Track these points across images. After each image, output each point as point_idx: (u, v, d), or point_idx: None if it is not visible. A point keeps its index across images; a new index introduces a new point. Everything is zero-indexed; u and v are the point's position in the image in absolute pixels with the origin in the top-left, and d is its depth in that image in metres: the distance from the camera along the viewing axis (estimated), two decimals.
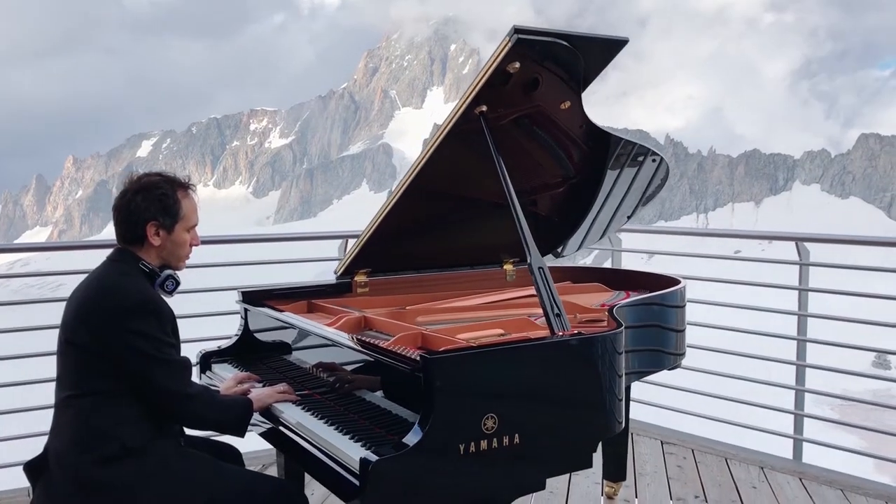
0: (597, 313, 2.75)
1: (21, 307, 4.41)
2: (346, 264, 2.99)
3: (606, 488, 3.57)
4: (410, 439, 1.82)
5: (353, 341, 2.22)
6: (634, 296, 3.06)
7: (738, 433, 4.21)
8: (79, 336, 1.99)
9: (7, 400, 3.79)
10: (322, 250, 4.73)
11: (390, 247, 2.94)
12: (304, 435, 2.13)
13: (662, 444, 4.26)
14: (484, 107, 2.44)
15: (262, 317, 2.80)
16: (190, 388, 2.09)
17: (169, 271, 2.16)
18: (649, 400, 4.47)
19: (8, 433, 3.74)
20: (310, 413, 2.23)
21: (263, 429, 2.31)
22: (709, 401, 4.45)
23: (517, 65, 2.30)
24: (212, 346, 2.88)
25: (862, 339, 4.52)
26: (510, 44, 2.21)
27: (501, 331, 2.48)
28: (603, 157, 3.02)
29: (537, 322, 2.52)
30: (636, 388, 3.29)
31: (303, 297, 2.98)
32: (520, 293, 3.22)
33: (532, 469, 2.03)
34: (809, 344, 4.21)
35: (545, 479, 2.07)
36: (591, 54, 2.47)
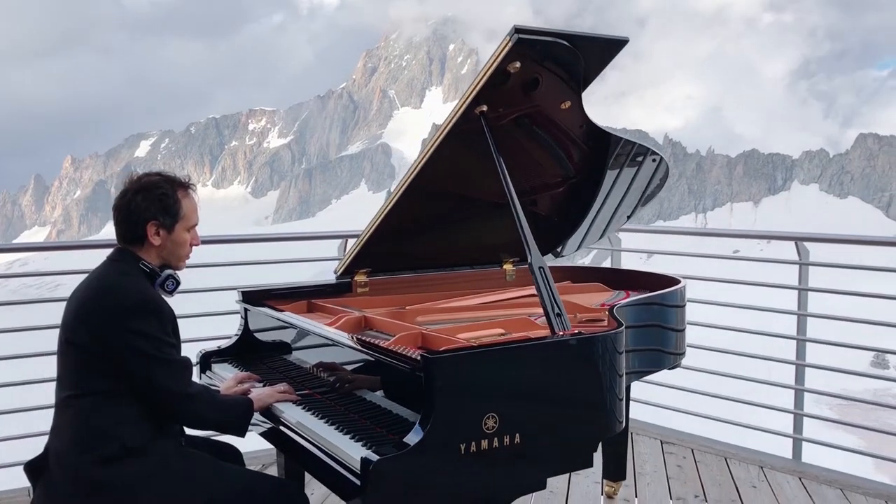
0: (597, 313, 2.74)
1: (19, 307, 4.41)
2: (346, 264, 2.99)
3: (606, 488, 3.57)
4: (411, 439, 1.82)
5: (354, 341, 2.22)
6: (634, 295, 3.06)
7: (738, 433, 4.21)
8: (79, 336, 1.99)
9: (7, 400, 3.79)
10: (321, 250, 4.73)
11: (390, 246, 2.94)
12: (305, 435, 2.13)
13: (662, 444, 4.26)
14: (484, 106, 2.43)
15: (262, 316, 2.80)
16: (190, 388, 2.09)
17: (169, 271, 2.16)
18: (649, 399, 4.46)
19: (8, 433, 3.74)
20: (310, 413, 2.23)
21: (264, 428, 2.31)
22: (708, 400, 4.45)
23: (518, 64, 2.30)
24: (212, 346, 2.88)
25: (861, 339, 4.53)
26: (511, 43, 2.20)
27: (502, 330, 2.48)
28: (603, 157, 3.02)
29: (538, 322, 2.52)
30: (636, 388, 3.29)
31: (303, 297, 2.98)
32: (519, 293, 3.22)
33: (533, 468, 2.03)
34: (809, 343, 4.21)
35: (546, 479, 2.07)
36: (592, 54, 2.47)
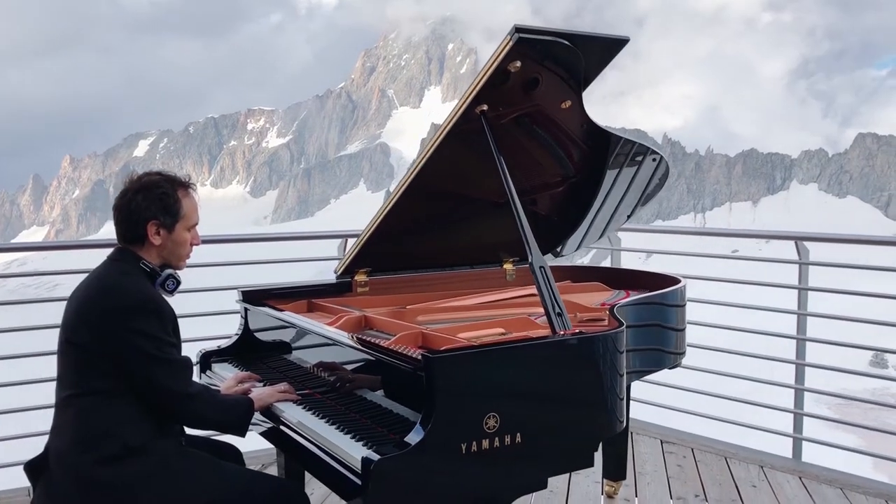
0: (597, 312, 2.74)
1: (18, 307, 4.40)
2: (347, 264, 2.99)
3: (606, 487, 3.57)
4: (412, 438, 1.82)
5: (354, 340, 2.22)
6: (634, 295, 3.05)
7: (738, 432, 4.21)
8: (79, 335, 1.99)
9: (6, 400, 3.78)
10: (321, 250, 4.72)
11: (390, 246, 2.94)
12: (306, 434, 2.12)
13: (662, 444, 4.26)
14: (485, 106, 2.43)
15: (263, 316, 2.80)
16: (191, 388, 2.09)
17: (169, 271, 2.16)
18: (649, 399, 4.46)
19: (7, 433, 3.73)
20: (311, 412, 2.22)
21: (264, 428, 2.30)
22: (708, 400, 4.44)
23: (518, 64, 2.30)
24: (212, 346, 2.88)
25: (859, 338, 4.53)
26: (511, 43, 2.20)
27: (502, 330, 2.48)
28: (603, 157, 3.01)
29: (538, 321, 2.51)
30: (636, 388, 3.29)
31: (303, 297, 2.98)
32: (520, 292, 3.22)
33: (533, 468, 2.02)
34: (809, 343, 4.21)
35: (547, 479, 2.07)
36: (592, 53, 2.47)
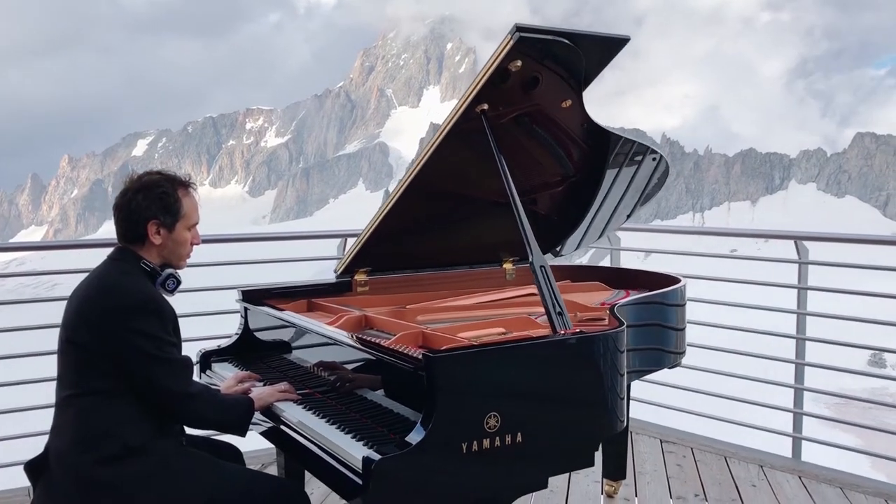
0: (597, 312, 2.74)
1: (17, 307, 4.40)
2: (346, 263, 2.98)
3: (606, 487, 3.57)
4: (413, 438, 1.82)
5: (354, 340, 2.22)
6: (634, 294, 3.05)
7: (738, 432, 4.21)
8: (80, 335, 1.98)
9: (6, 400, 3.78)
10: (320, 249, 4.71)
11: (391, 246, 2.94)
12: (306, 434, 2.12)
13: (662, 443, 4.26)
14: (485, 105, 2.43)
15: (263, 316, 2.79)
16: (191, 388, 2.08)
17: (170, 270, 2.15)
18: (649, 398, 4.46)
19: (7, 433, 3.73)
20: (311, 412, 2.22)
21: (264, 428, 2.30)
22: (708, 399, 4.44)
23: (519, 63, 2.30)
24: (212, 346, 2.88)
25: (858, 338, 4.53)
26: (512, 42, 2.20)
27: (503, 329, 2.48)
28: (603, 156, 3.01)
29: (538, 321, 2.51)
30: (636, 387, 3.29)
31: (303, 296, 2.97)
32: (519, 292, 3.22)
33: (534, 468, 2.02)
34: (808, 342, 4.21)
35: (547, 478, 2.06)
36: (593, 53, 2.47)
